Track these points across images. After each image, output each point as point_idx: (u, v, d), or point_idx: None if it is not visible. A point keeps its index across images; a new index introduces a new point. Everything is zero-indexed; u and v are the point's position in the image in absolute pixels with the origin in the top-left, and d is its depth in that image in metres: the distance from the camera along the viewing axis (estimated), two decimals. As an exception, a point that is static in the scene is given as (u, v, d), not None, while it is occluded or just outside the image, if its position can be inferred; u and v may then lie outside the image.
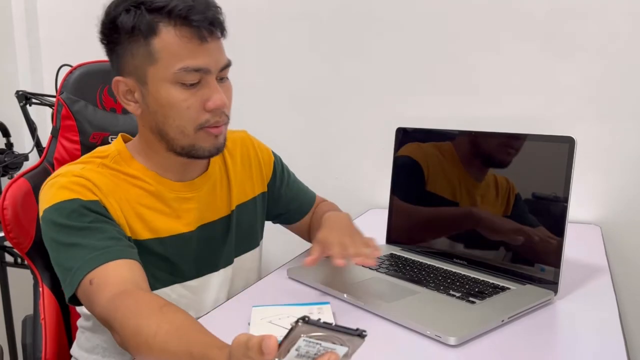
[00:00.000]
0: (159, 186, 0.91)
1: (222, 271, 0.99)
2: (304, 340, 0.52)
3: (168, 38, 0.80)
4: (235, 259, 1.03)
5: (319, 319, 0.52)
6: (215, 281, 0.98)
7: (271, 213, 1.13)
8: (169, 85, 0.82)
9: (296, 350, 0.53)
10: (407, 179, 1.16)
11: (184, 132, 0.85)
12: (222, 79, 0.87)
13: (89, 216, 0.81)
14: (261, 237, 1.11)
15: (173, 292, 0.93)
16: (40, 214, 0.83)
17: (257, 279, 1.09)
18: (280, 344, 0.52)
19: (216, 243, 0.99)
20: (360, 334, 0.51)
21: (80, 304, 0.81)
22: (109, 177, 0.87)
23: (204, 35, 0.81)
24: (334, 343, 0.52)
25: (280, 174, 1.12)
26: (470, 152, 1.05)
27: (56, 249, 0.81)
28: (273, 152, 1.13)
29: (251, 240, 1.07)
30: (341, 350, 0.52)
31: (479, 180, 1.03)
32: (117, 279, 0.76)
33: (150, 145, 0.90)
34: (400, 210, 1.17)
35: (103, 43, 0.87)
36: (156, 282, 0.90)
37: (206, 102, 0.83)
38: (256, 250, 1.09)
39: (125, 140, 0.95)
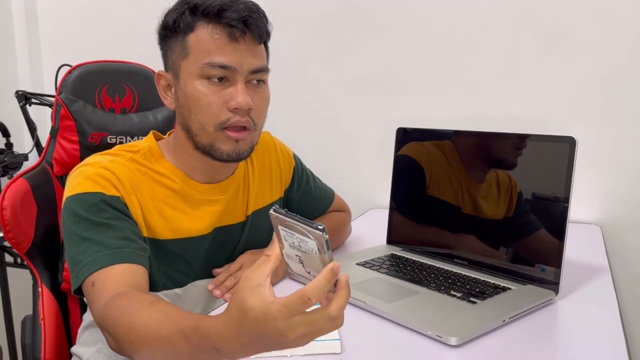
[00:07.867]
0: (184, 186, 0.91)
1: None
2: (282, 230, 0.53)
3: (202, 34, 0.83)
4: None
5: (286, 210, 0.53)
6: None
7: None
8: (196, 79, 0.83)
9: (285, 240, 0.54)
10: (408, 178, 1.15)
11: (204, 128, 0.85)
12: (257, 83, 0.88)
13: (108, 212, 0.82)
14: None
15: (185, 293, 0.93)
16: (64, 199, 0.84)
17: None
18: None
19: (228, 247, 0.99)
20: (317, 228, 0.51)
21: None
22: (136, 172, 0.88)
23: (234, 34, 0.82)
24: (303, 235, 0.52)
25: (298, 180, 1.12)
26: (472, 152, 1.05)
27: (70, 238, 0.81)
28: (294, 155, 1.13)
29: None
30: (312, 244, 0.52)
31: (480, 181, 1.03)
32: (117, 283, 0.76)
33: (181, 143, 0.90)
34: (401, 210, 1.17)
35: (158, 42, 0.90)
36: (169, 282, 0.90)
37: (229, 101, 0.83)
38: None
39: (157, 139, 0.95)
